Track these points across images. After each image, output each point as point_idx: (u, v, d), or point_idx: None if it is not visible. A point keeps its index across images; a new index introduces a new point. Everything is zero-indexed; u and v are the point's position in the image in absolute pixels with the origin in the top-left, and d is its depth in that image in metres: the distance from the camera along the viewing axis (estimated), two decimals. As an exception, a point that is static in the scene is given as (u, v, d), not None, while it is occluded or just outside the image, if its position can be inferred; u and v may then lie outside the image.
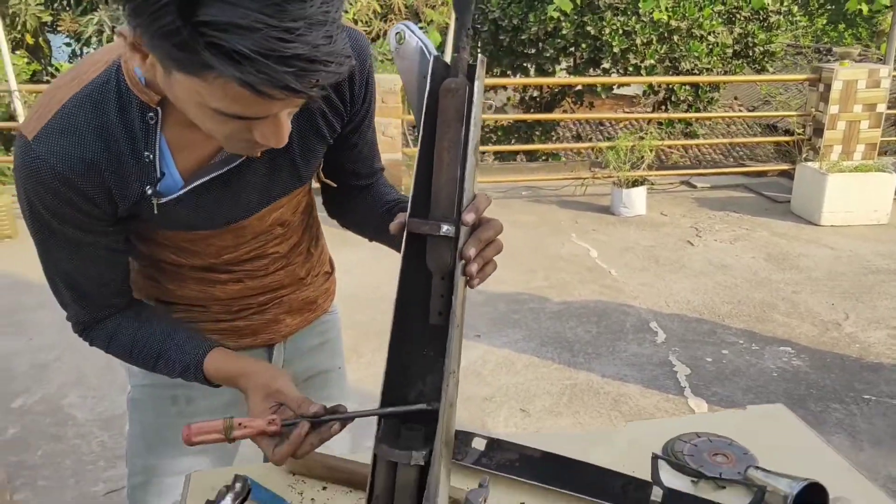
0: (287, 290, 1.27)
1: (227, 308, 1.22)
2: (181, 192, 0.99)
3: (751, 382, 3.36)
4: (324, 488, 1.19)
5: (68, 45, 9.81)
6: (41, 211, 0.95)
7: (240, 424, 0.94)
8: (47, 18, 8.95)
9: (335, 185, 1.22)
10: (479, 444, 1.27)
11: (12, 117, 6.80)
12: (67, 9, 9.14)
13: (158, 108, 0.92)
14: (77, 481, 2.68)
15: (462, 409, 3.10)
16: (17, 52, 8.29)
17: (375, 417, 0.91)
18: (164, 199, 0.98)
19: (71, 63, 9.56)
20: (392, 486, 0.87)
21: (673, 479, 1.21)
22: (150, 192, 0.96)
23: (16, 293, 4.29)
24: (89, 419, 3.07)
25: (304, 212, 1.23)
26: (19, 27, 8.47)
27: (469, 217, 0.84)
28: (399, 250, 1.02)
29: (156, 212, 0.99)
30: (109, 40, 8.17)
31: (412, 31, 0.91)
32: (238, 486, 1.08)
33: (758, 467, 1.21)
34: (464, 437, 1.27)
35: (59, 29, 9.35)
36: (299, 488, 1.18)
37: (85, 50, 9.52)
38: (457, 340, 0.88)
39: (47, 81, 8.85)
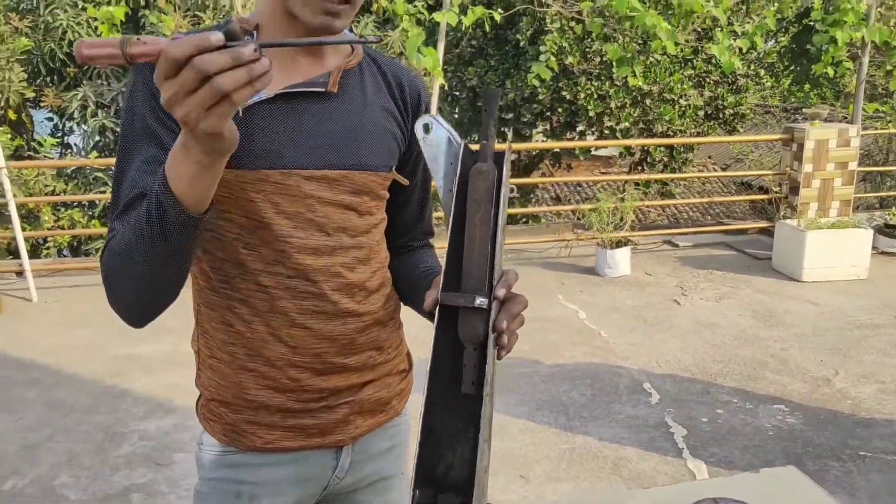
0: (360, 373, 1.21)
1: (297, 397, 1.17)
2: (265, 96, 1.06)
3: (748, 442, 3.38)
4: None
5: (50, 119, 9.88)
6: (137, 109, 1.04)
7: (139, 40, 0.77)
8: (30, 94, 9.03)
9: (407, 183, 1.25)
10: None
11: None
12: (51, 85, 9.24)
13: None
14: (72, 566, 2.61)
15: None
16: (0, 129, 8.34)
17: (412, 485, 0.92)
18: (249, 102, 0.88)
19: (54, 137, 9.61)
20: None
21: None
22: None
23: (4, 370, 4.23)
24: (83, 499, 3.01)
25: (378, 245, 1.22)
26: (2, 104, 8.54)
27: (501, 292, 0.90)
28: (419, 311, 1.06)
29: (240, 115, 1.02)
30: (93, 115, 8.25)
31: (439, 122, 0.97)
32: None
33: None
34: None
35: (41, 104, 9.43)
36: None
37: (68, 125, 9.60)
38: (489, 409, 0.92)
39: (29, 157, 8.88)
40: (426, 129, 0.97)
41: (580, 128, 9.40)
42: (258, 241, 1.10)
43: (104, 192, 7.76)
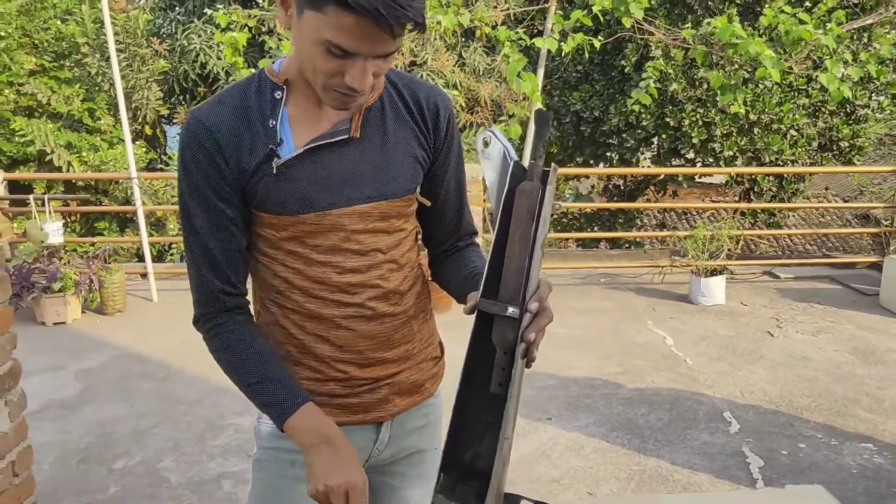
0: (397, 363, 1.37)
1: (343, 385, 1.34)
2: (296, 152, 1.22)
3: (827, 477, 3.30)
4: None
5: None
6: (187, 172, 1.22)
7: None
8: (165, 112, 9.81)
9: (429, 203, 1.38)
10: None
11: (129, 201, 7.45)
12: (183, 103, 10.00)
13: (284, 87, 1.24)
14: (168, 539, 2.89)
15: (529, 490, 3.18)
16: (137, 143, 9.09)
17: (438, 468, 1.04)
18: (282, 160, 1.21)
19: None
20: None
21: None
22: (269, 149, 1.21)
23: (124, 363, 4.67)
24: (181, 482, 3.30)
25: (409, 252, 1.37)
26: (140, 120, 9.32)
27: (534, 306, 1.01)
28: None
29: (275, 171, 1.21)
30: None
31: (497, 137, 1.06)
32: None
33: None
34: (512, 500, 1.39)
35: (174, 121, 10.22)
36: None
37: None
38: (513, 409, 1.01)
39: (161, 169, 9.63)
40: (485, 143, 1.05)
41: (688, 154, 9.26)
42: (302, 265, 1.28)
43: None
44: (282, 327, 1.33)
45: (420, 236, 1.44)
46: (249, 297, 1.35)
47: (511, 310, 0.98)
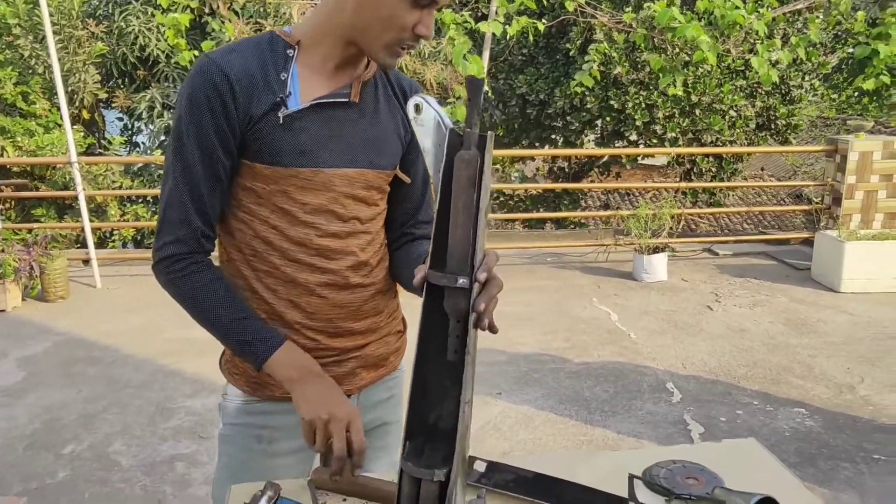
0: (364, 335, 1.42)
1: (312, 355, 1.34)
2: (302, 105, 1.27)
3: (763, 441, 3.44)
4: (343, 500, 1.37)
5: (121, 119, 10.40)
6: (192, 112, 1.23)
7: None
8: (103, 95, 9.55)
9: (409, 181, 1.44)
10: (479, 467, 1.46)
11: (67, 187, 7.27)
12: (122, 86, 9.75)
13: (296, 46, 1.28)
14: (121, 521, 2.88)
15: (481, 460, 3.25)
16: (75, 127, 8.85)
17: (403, 435, 1.06)
18: (287, 111, 1.26)
19: (123, 136, 10.12)
20: (416, 498, 1.02)
21: (648, 498, 1.38)
22: (279, 98, 1.25)
23: (69, 349, 4.59)
24: (133, 465, 3.28)
25: (381, 230, 1.43)
26: (77, 103, 9.06)
27: (482, 276, 1.02)
28: (415, 292, 1.22)
29: (280, 121, 1.25)
30: (160, 116, 8.70)
31: (429, 104, 1.02)
32: (270, 492, 1.28)
33: (723, 487, 1.38)
34: (468, 461, 1.46)
35: (113, 105, 9.96)
36: (322, 499, 1.36)
37: (136, 125, 10.11)
38: (470, 374, 1.04)
39: (100, 153, 9.39)
40: (417, 109, 1.02)
41: (631, 136, 9.46)
42: (286, 224, 1.31)
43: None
44: (253, 291, 1.36)
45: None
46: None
47: (461, 280, 0.98)
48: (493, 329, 1.05)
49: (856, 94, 13.32)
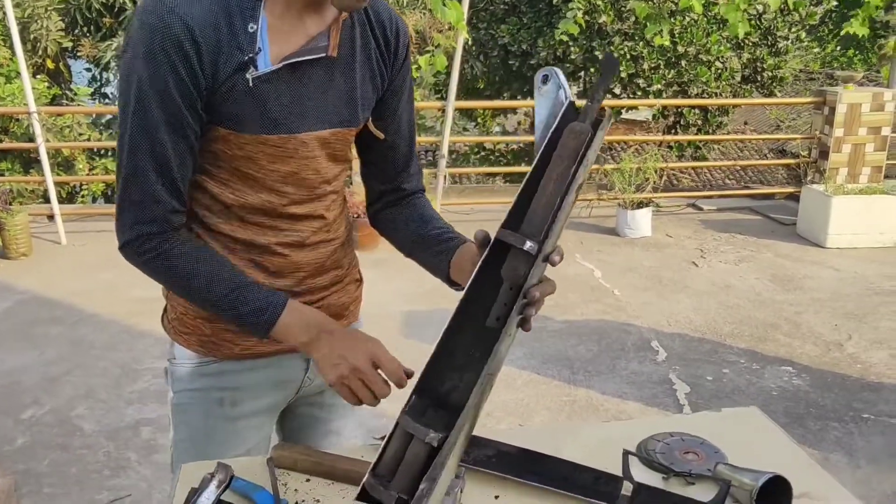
0: (327, 288, 1.32)
1: None
2: (272, 67, 1.09)
3: (750, 401, 3.38)
4: (307, 480, 1.23)
5: (88, 70, 10.01)
6: (152, 70, 1.04)
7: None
8: (67, 44, 9.15)
9: (382, 136, 1.30)
10: (457, 441, 1.32)
11: (31, 139, 6.98)
12: (87, 35, 9.35)
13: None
14: (81, 489, 2.74)
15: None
16: (39, 77, 8.49)
17: (412, 389, 0.98)
18: (257, 73, 1.08)
19: (90, 87, 9.76)
20: (401, 456, 0.92)
21: (644, 475, 1.25)
22: (247, 58, 1.07)
23: (30, 308, 4.40)
24: (96, 430, 3.14)
25: (342, 190, 1.32)
26: (41, 52, 8.68)
27: (557, 258, 0.96)
28: (440, 276, 1.22)
29: (250, 84, 1.08)
30: (127, 65, 8.35)
31: (557, 76, 0.99)
32: (220, 475, 1.13)
33: (726, 463, 1.25)
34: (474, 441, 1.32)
35: (79, 54, 9.56)
36: (283, 479, 1.23)
37: (104, 75, 9.73)
38: (504, 349, 0.96)
39: (66, 104, 9.04)
40: (544, 79, 1.00)
41: (615, 90, 9.25)
42: (248, 189, 1.17)
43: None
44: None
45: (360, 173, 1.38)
46: None
47: (529, 244, 0.92)
48: (526, 326, 1.00)
49: (839, 47, 13.17)
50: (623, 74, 8.52)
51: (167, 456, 3.03)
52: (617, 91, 9.32)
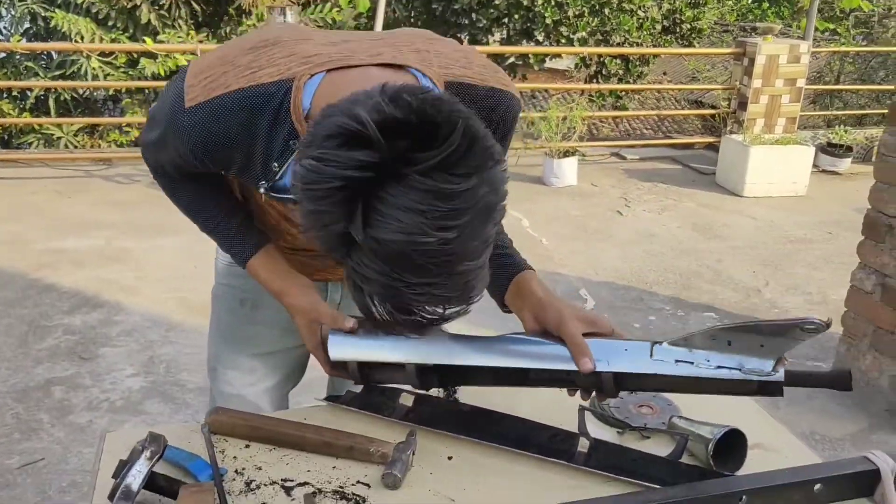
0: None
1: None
2: (292, 195, 1.02)
3: (675, 346, 3.45)
4: (246, 446, 1.15)
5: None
6: (170, 153, 1.11)
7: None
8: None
9: None
10: (406, 400, 1.26)
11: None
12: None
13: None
14: (-11, 454, 2.57)
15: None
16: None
17: None
18: (274, 196, 1.10)
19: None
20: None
21: (599, 431, 1.22)
22: (262, 189, 1.08)
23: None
24: (3, 391, 2.94)
25: None
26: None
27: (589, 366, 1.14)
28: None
29: (261, 190, 1.08)
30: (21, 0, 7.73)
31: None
32: (153, 446, 1.04)
33: (681, 416, 1.23)
34: (391, 394, 1.26)
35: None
36: (221, 447, 1.14)
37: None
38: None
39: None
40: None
41: (538, 37, 9.18)
42: (256, 214, 1.24)
43: (36, 82, 7.34)
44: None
45: None
46: None
47: None
48: None
49: (754, 0, 13.46)
50: (549, 20, 8.45)
51: (83, 417, 2.87)
52: (540, 39, 9.26)
